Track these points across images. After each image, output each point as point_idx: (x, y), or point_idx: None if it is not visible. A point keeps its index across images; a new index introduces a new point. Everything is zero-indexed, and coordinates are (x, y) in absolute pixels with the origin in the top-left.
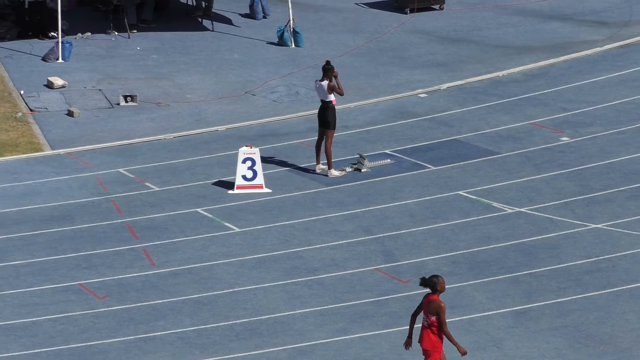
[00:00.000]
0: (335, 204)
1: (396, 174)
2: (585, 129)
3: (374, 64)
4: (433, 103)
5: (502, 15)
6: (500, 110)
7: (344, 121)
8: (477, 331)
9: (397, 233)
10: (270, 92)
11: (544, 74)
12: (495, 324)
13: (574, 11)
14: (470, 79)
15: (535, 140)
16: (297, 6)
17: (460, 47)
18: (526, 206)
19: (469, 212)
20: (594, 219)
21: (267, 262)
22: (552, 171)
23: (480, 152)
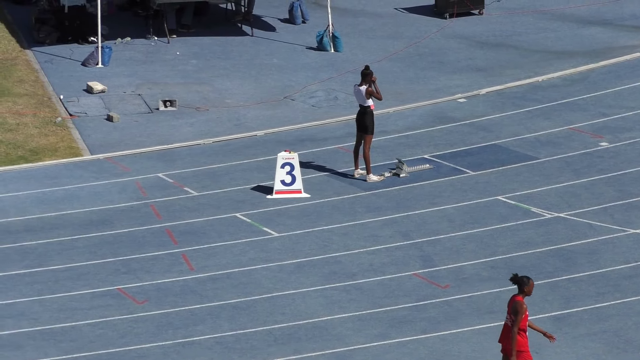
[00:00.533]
0: (373, 209)
1: (435, 179)
2: (624, 134)
3: (413, 69)
4: (472, 108)
5: (541, 20)
6: (539, 115)
7: (383, 126)
8: None
9: (435, 238)
10: (309, 97)
11: (583, 79)
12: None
13: (613, 16)
14: (509, 84)
15: (574, 145)
16: (336, 11)
17: (499, 52)
18: (565, 211)
19: (508, 217)
20: (633, 224)
21: (306, 267)
22: (591, 176)
23: (519, 157)
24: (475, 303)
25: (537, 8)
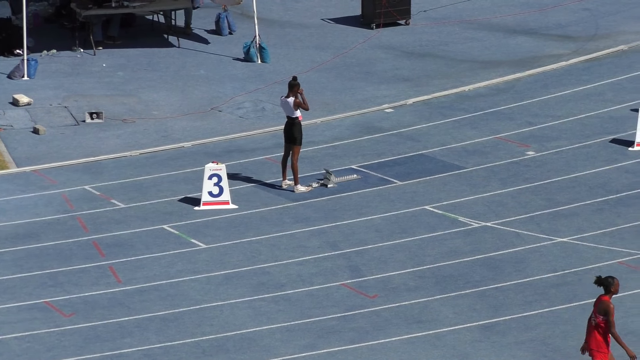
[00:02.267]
0: (301, 219)
1: (363, 189)
2: (550, 143)
3: (340, 80)
4: (399, 118)
5: (467, 30)
6: (467, 124)
7: (311, 137)
8: (444, 346)
9: (363, 248)
10: (237, 108)
11: (510, 88)
12: (462, 339)
13: (539, 25)
14: (436, 94)
15: (501, 154)
16: (263, 22)
17: (426, 62)
18: (492, 220)
19: (436, 227)
20: (560, 233)
21: (234, 278)
22: (518, 185)
23: (447, 166)
24: (404, 313)
25: (464, 18)
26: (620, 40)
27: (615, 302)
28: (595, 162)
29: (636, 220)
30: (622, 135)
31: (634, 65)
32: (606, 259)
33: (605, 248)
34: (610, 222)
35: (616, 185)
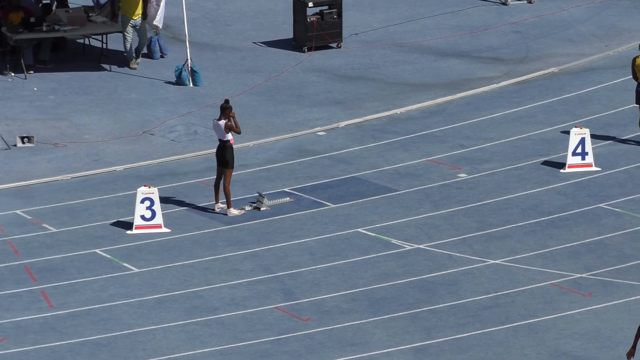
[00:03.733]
0: (234, 242)
1: (295, 212)
2: (482, 165)
3: (272, 103)
4: (332, 141)
5: (399, 52)
6: (399, 147)
7: (243, 160)
8: None
9: (296, 271)
10: (169, 131)
11: (442, 111)
12: None
13: (470, 48)
14: (368, 117)
15: (433, 177)
16: (194, 45)
17: (358, 85)
18: (425, 243)
19: (368, 250)
20: (492, 255)
21: (167, 302)
22: (450, 207)
23: (379, 189)
24: (337, 335)
25: (395, 41)
26: (551, 62)
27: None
28: (527, 184)
29: (568, 242)
30: (554, 157)
31: (564, 87)
32: (538, 280)
33: (538, 270)
34: (543, 243)
35: (548, 207)
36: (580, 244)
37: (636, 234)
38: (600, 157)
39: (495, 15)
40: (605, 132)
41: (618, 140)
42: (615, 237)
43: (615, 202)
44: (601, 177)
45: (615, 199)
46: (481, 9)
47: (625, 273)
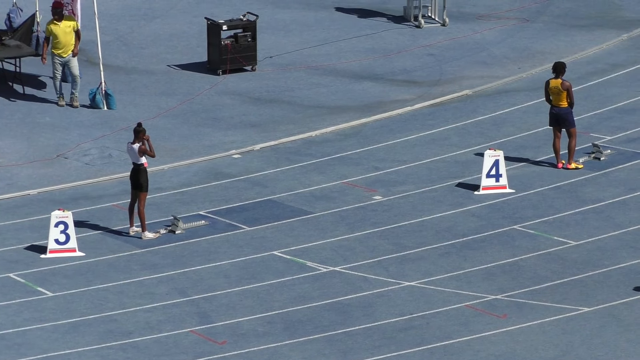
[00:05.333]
0: (149, 266)
1: (211, 235)
2: (397, 188)
3: (187, 126)
4: (247, 164)
5: (313, 75)
6: (314, 170)
7: (158, 183)
8: None
9: (212, 294)
10: (83, 155)
11: (356, 133)
12: None
13: (384, 71)
14: (283, 139)
15: (349, 199)
16: (108, 68)
17: (273, 107)
18: (340, 265)
19: (284, 272)
20: (407, 277)
21: (81, 326)
22: (365, 230)
23: (295, 211)
24: (253, 359)
25: (309, 64)
26: (465, 85)
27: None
28: (442, 206)
29: (482, 264)
30: (468, 179)
31: (478, 109)
32: (453, 302)
33: (452, 291)
34: (457, 265)
35: (462, 229)
36: (494, 266)
37: (550, 256)
38: (514, 178)
39: (409, 38)
40: (519, 154)
41: (532, 162)
42: (529, 258)
43: (529, 224)
44: (515, 199)
45: (529, 220)
46: (395, 32)
47: (540, 294)
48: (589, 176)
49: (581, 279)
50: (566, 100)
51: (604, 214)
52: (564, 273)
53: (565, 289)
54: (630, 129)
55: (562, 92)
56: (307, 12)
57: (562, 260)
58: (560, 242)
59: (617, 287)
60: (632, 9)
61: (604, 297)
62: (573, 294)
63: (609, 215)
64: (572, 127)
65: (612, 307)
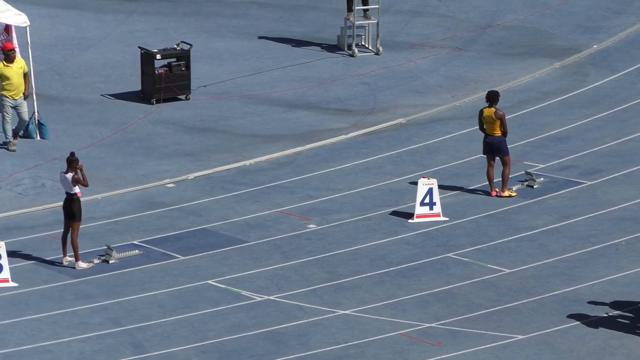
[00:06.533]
0: (83, 296)
1: (145, 264)
2: (332, 216)
3: (121, 155)
4: (181, 193)
5: (247, 104)
6: (248, 198)
7: (91, 212)
8: None
9: (146, 324)
10: (16, 185)
11: (291, 162)
12: None
13: (319, 99)
14: (217, 168)
15: (283, 228)
16: (41, 98)
17: (207, 136)
18: (275, 294)
19: (219, 301)
20: (342, 305)
21: (14, 357)
22: (300, 258)
23: (229, 240)
24: None
25: (243, 92)
26: (399, 113)
27: None
28: (376, 234)
29: (417, 292)
30: (402, 207)
31: (412, 138)
32: (388, 330)
33: (387, 320)
34: (392, 293)
35: (397, 257)
36: (429, 294)
37: (484, 284)
38: (448, 207)
39: (343, 67)
40: (453, 182)
41: (465, 190)
42: (463, 286)
43: (463, 252)
44: (449, 227)
45: (463, 248)
46: (329, 60)
47: (474, 322)
48: (523, 204)
49: (515, 306)
50: (500, 129)
51: (538, 241)
52: (498, 301)
53: (500, 317)
54: (563, 157)
55: (496, 121)
56: (241, 41)
57: (496, 287)
58: (494, 269)
59: (551, 315)
60: (565, 38)
61: (538, 325)
62: (507, 322)
63: (543, 242)
64: (506, 156)
65: (547, 334)
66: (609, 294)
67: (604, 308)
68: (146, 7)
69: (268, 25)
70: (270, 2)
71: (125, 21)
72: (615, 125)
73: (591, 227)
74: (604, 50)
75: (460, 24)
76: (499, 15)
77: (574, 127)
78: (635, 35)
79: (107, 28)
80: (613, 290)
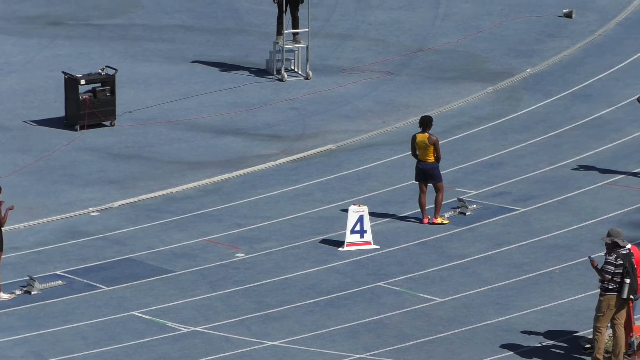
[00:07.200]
0: (4, 328)
1: (68, 295)
2: (260, 245)
3: (43, 183)
4: (105, 221)
5: (174, 130)
6: (174, 227)
7: (13, 242)
8: None
9: (69, 357)
10: None
11: (218, 189)
12: None
13: (247, 125)
14: (143, 196)
15: (210, 257)
16: None
17: (132, 163)
18: (202, 325)
19: (144, 333)
20: (271, 336)
21: None
22: (227, 288)
23: (155, 270)
24: None
25: (170, 118)
26: (329, 139)
27: None
28: (306, 263)
29: (347, 322)
30: (332, 235)
31: (342, 164)
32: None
33: (317, 351)
34: (321, 324)
35: (327, 287)
36: (359, 324)
37: (415, 313)
38: (379, 234)
39: (272, 92)
40: (384, 209)
41: (397, 217)
42: (394, 316)
43: (395, 281)
44: (380, 255)
45: (394, 277)
46: (258, 85)
47: (405, 352)
48: (455, 231)
49: (447, 336)
50: (433, 155)
51: (470, 269)
52: (430, 330)
53: (431, 347)
54: (495, 183)
55: (429, 146)
56: (168, 65)
57: (427, 317)
58: (426, 299)
59: (484, 345)
60: (497, 61)
61: (470, 355)
62: (439, 352)
63: (475, 271)
64: (439, 182)
65: None
66: (542, 323)
67: (538, 338)
68: (70, 31)
69: (195, 49)
70: (197, 25)
71: (48, 45)
72: (549, 151)
73: (524, 255)
74: (538, 74)
75: (392, 47)
76: (431, 38)
77: (507, 152)
78: (569, 59)
79: (31, 52)
80: (547, 320)
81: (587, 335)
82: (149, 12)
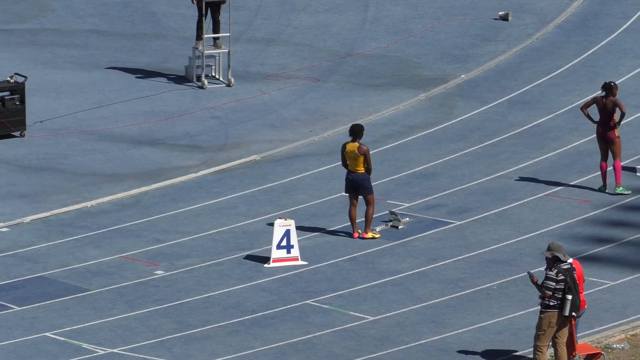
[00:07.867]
0: None
1: None
2: (181, 261)
3: None
4: (15, 238)
5: (88, 141)
6: (90, 243)
7: None
8: None
9: None
10: None
11: (136, 203)
12: None
13: (166, 135)
14: (56, 211)
15: (128, 274)
16: None
17: (44, 176)
18: (119, 346)
19: (57, 355)
20: (193, 358)
21: None
22: (146, 307)
23: (69, 289)
24: None
25: (84, 128)
26: (253, 149)
27: None
28: (229, 280)
29: (274, 342)
30: (257, 251)
31: (267, 176)
32: None
33: None
34: (246, 344)
35: (252, 305)
36: (286, 344)
37: (346, 332)
38: (307, 250)
39: (192, 100)
40: (312, 223)
41: (326, 231)
42: (323, 335)
43: (323, 298)
44: (308, 272)
45: (323, 294)
46: (177, 93)
47: None
48: (387, 246)
49: (380, 356)
50: (363, 166)
51: (403, 286)
52: (361, 350)
53: None
54: (429, 195)
55: (360, 156)
56: (81, 72)
57: (358, 336)
58: (357, 317)
59: None
60: (430, 67)
61: None
62: None
63: (408, 287)
64: (370, 194)
65: None
66: (480, 342)
67: (475, 358)
68: None
69: (110, 55)
70: (112, 30)
71: None
72: (485, 161)
73: (460, 270)
74: (473, 80)
75: (318, 52)
76: (359, 43)
77: (441, 163)
78: (505, 64)
79: None
80: (484, 339)
81: (527, 355)
82: (60, 17)
